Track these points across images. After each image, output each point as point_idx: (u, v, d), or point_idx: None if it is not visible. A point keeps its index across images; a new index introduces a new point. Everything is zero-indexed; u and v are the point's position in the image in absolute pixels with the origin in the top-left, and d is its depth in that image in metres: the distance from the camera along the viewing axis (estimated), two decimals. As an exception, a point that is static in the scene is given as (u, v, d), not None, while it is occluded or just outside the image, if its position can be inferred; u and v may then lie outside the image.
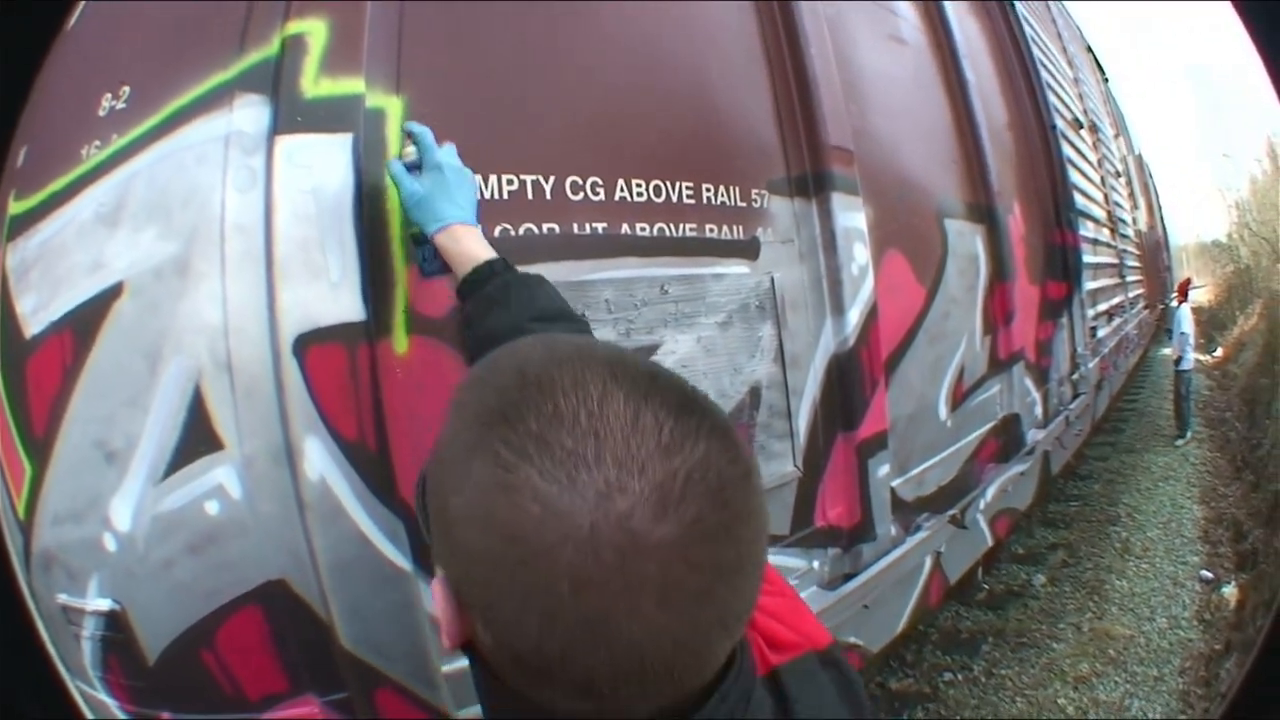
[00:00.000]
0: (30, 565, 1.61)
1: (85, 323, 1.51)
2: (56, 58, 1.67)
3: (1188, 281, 11.56)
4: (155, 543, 1.49)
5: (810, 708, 0.77)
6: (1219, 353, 17.63)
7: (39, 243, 1.58)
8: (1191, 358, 10.48)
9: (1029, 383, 4.23)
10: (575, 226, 1.85)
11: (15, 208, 1.63)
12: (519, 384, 0.60)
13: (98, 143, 1.57)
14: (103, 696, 1.60)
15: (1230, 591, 5.81)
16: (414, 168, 1.50)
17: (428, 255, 1.51)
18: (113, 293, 1.50)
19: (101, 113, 1.58)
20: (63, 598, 1.57)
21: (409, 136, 1.53)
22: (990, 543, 3.87)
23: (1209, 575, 6.21)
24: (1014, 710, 4.43)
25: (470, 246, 1.43)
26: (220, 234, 1.49)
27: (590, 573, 0.53)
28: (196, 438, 1.50)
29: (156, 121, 1.54)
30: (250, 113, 1.52)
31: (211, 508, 1.50)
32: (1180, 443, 9.95)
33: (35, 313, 1.56)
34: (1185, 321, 10.60)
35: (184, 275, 1.49)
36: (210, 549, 1.50)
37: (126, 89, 1.58)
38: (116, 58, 1.63)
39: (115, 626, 1.53)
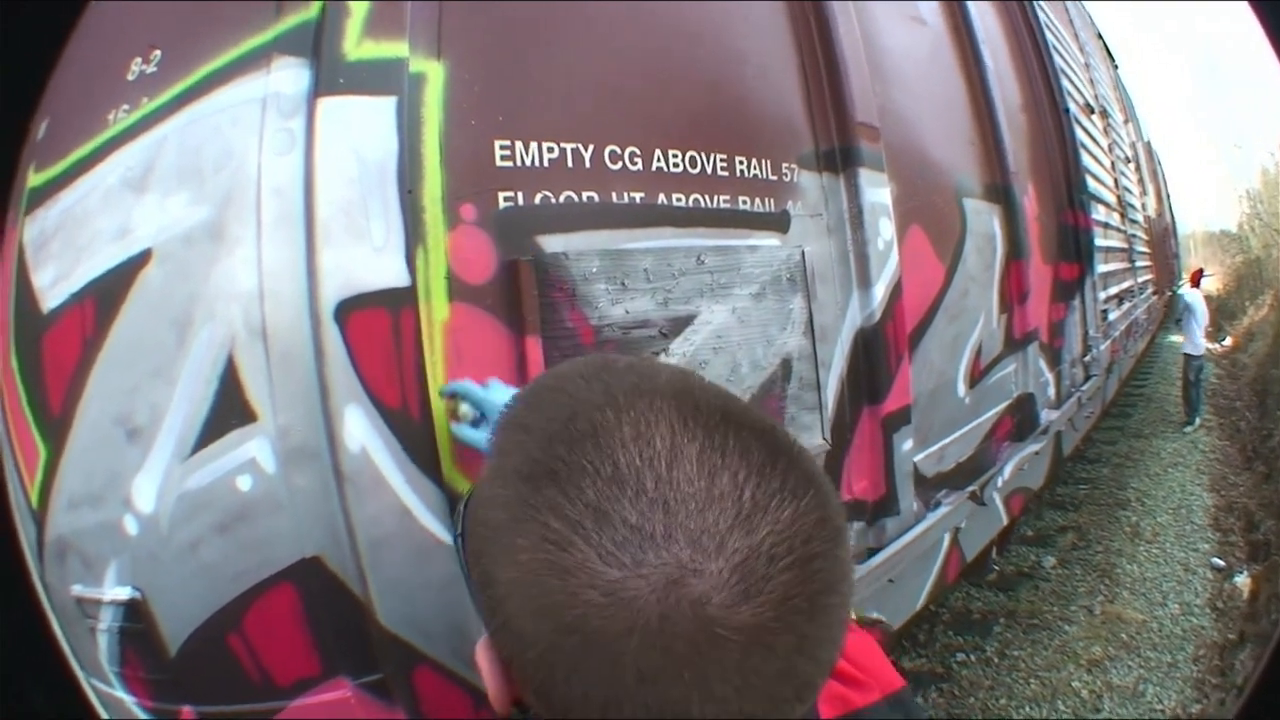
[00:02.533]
0: (43, 557, 1.55)
1: (109, 292, 1.46)
2: (83, 29, 1.63)
3: (1200, 271, 11.55)
4: (181, 523, 1.43)
5: None
6: (1228, 341, 17.65)
7: (60, 211, 1.53)
8: (1202, 344, 10.48)
9: (1043, 363, 4.24)
10: (614, 195, 1.84)
11: (35, 180, 1.58)
12: (569, 435, 0.53)
13: (126, 107, 1.52)
14: (120, 693, 1.55)
15: (1243, 581, 5.83)
16: (477, 422, 1.50)
17: None
18: (140, 260, 1.46)
19: (130, 77, 1.53)
20: (78, 589, 1.51)
21: (454, 397, 1.54)
22: (1005, 521, 3.89)
23: (1220, 563, 6.23)
24: (1028, 691, 4.45)
25: None
26: (256, 197, 1.45)
27: (660, 666, 0.46)
28: (228, 409, 1.44)
29: (189, 84, 1.49)
30: (289, 74, 1.47)
31: (243, 483, 1.45)
32: (1189, 429, 9.98)
33: (54, 284, 1.51)
34: (1197, 307, 10.60)
35: (217, 240, 1.45)
36: (240, 527, 1.45)
37: (157, 53, 1.53)
38: (147, 22, 1.59)
39: (134, 616, 1.47)
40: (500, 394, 1.47)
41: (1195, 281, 11.22)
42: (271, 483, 1.45)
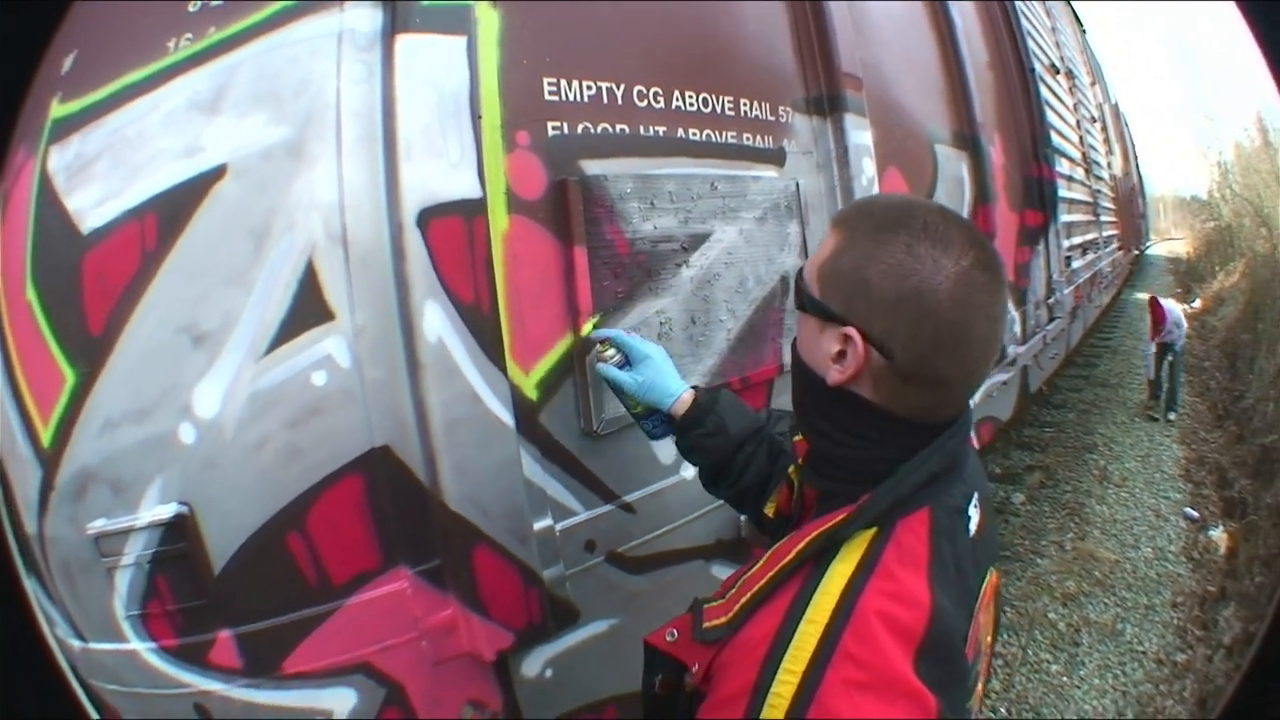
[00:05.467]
0: (47, 505, 1.55)
1: (176, 205, 1.53)
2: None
3: (1160, 327, 9.90)
4: (249, 422, 1.52)
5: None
6: (1197, 304, 17.69)
7: (107, 133, 1.56)
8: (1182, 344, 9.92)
9: (1009, 302, 4.51)
10: (641, 129, 2.10)
11: (60, 110, 1.61)
12: (897, 212, 0.99)
13: (189, 36, 1.59)
14: (134, 644, 1.56)
15: (1219, 535, 5.99)
16: (622, 365, 1.73)
17: (658, 423, 1.70)
18: (213, 175, 1.54)
19: (192, 9, 1.61)
20: (98, 525, 1.52)
21: (605, 342, 1.76)
22: (975, 446, 4.15)
23: (1194, 514, 6.40)
24: (1004, 620, 4.64)
25: (685, 399, 1.65)
26: (336, 120, 1.58)
27: (957, 294, 0.93)
28: (305, 311, 1.55)
29: (261, 18, 1.60)
30: (362, 14, 1.62)
31: (318, 378, 1.55)
32: (1172, 416, 9.59)
33: (100, 204, 1.54)
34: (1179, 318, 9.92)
35: (297, 157, 1.56)
36: (312, 421, 1.55)
37: None
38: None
39: (175, 537, 1.51)
40: (644, 343, 1.75)
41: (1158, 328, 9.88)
42: (346, 377, 1.58)
